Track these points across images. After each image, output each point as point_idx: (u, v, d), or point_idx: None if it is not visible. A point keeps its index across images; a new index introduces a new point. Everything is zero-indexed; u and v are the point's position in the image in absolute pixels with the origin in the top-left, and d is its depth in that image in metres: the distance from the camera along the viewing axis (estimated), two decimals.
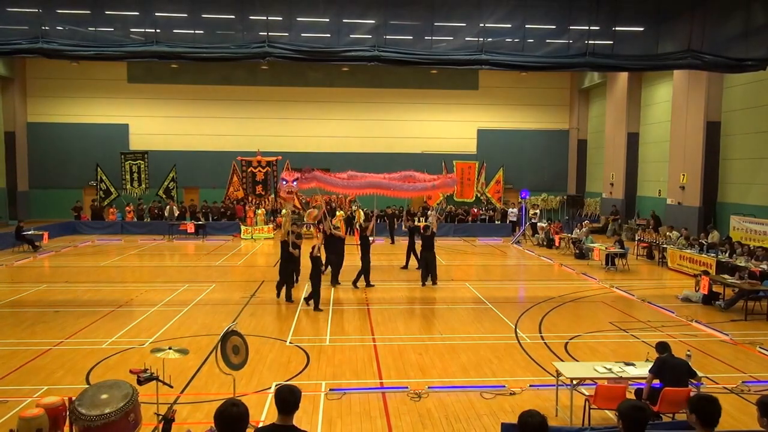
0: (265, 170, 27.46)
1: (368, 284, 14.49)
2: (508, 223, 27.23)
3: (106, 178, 27.92)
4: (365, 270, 14.50)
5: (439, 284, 15.01)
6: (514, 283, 15.70)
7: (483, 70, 22.32)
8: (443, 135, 30.74)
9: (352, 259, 16.35)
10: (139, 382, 6.03)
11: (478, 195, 29.86)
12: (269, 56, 12.50)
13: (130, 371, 6.36)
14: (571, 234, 21.85)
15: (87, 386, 7.03)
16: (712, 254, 15.93)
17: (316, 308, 12.17)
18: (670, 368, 6.49)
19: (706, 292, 13.03)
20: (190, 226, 24.94)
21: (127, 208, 27.16)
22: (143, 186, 28.33)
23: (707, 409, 3.85)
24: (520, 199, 27.09)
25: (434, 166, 28.75)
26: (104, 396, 5.28)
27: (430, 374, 8.49)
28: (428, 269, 14.90)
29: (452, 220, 27.64)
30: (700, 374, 6.81)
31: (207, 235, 25.22)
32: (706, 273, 13.70)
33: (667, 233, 19.38)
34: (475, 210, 28.60)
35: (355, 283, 14.48)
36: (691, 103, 21.14)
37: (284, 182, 12.58)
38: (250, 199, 27.40)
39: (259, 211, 26.15)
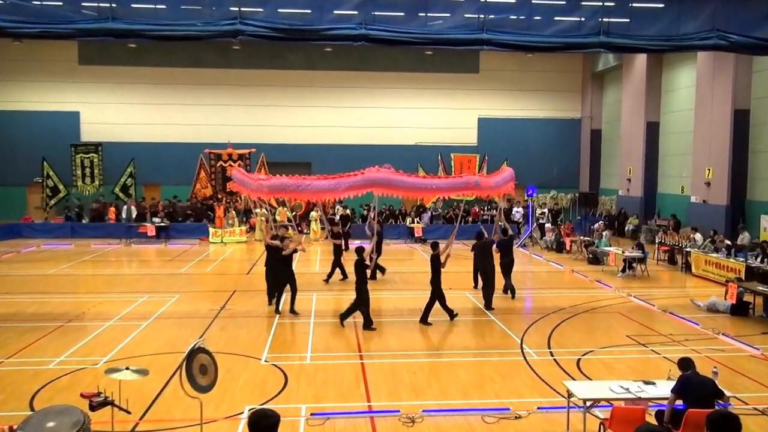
0: (237, 164, 27.35)
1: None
2: (512, 223, 27.32)
3: (54, 174, 27.66)
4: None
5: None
6: (520, 292, 15.75)
7: (484, 51, 22.41)
8: (440, 124, 30.79)
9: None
10: (92, 408, 5.97)
11: None
12: (241, 35, 12.45)
13: (82, 395, 6.30)
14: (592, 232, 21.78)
15: (31, 413, 6.95)
16: (741, 258, 16.07)
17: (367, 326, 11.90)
18: (695, 387, 6.53)
19: (734, 301, 13.15)
20: (151, 229, 24.80)
21: (111, 209, 26.80)
22: (97, 183, 28.09)
23: (728, 427, 3.86)
24: (526, 197, 27.21)
25: (429, 158, 28.85)
26: (51, 424, 5.22)
27: (424, 396, 8.49)
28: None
29: (450, 221, 27.69)
30: (727, 393, 6.86)
31: (170, 239, 25.09)
32: (739, 280, 13.81)
33: (691, 235, 19.53)
34: (476, 209, 28.67)
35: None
36: (717, 89, 21.33)
37: None
38: (219, 197, 27.27)
39: (230, 213, 26.05)
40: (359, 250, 12.29)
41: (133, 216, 26.04)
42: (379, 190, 12.21)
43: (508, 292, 14.92)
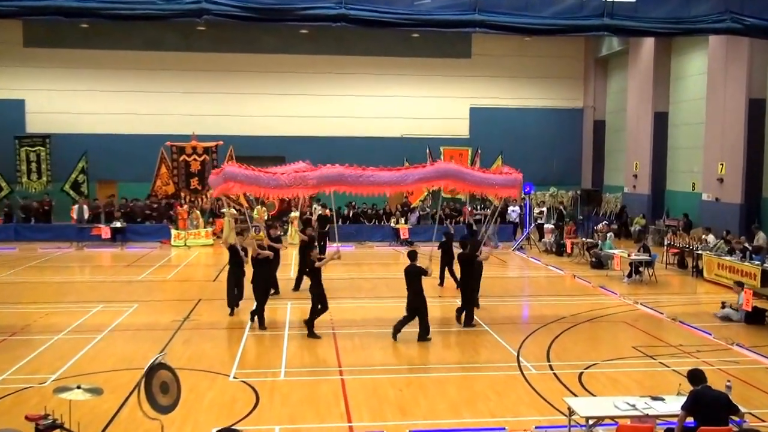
0: (201, 159, 27.15)
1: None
2: (508, 224, 27.45)
3: None
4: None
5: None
6: (517, 300, 15.83)
7: (477, 33, 22.41)
8: (428, 114, 30.84)
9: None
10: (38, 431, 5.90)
11: None
12: (207, 14, 12.37)
13: (27, 417, 6.24)
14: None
15: None
16: (757, 261, 16.27)
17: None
18: (707, 403, 6.58)
19: (749, 309, 13.31)
20: (105, 231, 24.58)
21: (73, 207, 26.36)
22: (44, 179, 27.75)
23: None
24: (523, 195, 27.33)
25: (417, 152, 28.82)
26: None
27: (412, 414, 8.51)
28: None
29: (441, 222, 27.72)
30: (743, 409, 6.94)
31: (127, 242, 24.90)
32: (739, 284, 14.00)
33: (702, 236, 19.75)
34: (468, 208, 28.72)
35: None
36: (731, 76, 21.59)
37: None
38: (182, 195, 27.07)
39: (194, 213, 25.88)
40: (412, 255, 12.19)
41: (86, 216, 25.76)
42: (451, 183, 12.39)
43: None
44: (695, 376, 6.86)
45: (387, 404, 8.85)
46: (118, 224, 25.09)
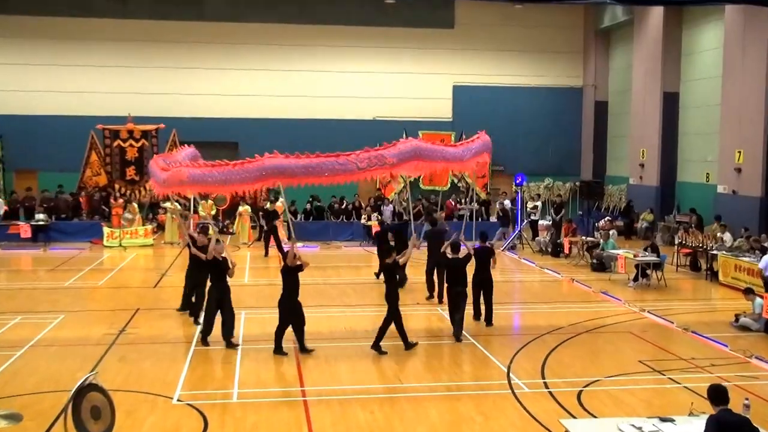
0: (139, 145, 26.91)
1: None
2: (497, 220, 27.59)
3: None
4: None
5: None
6: (507, 308, 15.90)
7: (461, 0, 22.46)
8: (405, 93, 30.85)
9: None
10: None
11: (455, 181, 30.09)
12: None
13: None
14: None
15: None
16: None
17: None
18: (730, 430, 6.54)
19: None
20: (25, 229, 24.27)
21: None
22: None
23: None
24: (514, 187, 27.49)
25: (392, 137, 28.75)
26: None
27: None
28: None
29: (417, 217, 27.79)
30: None
31: (51, 242, 24.63)
32: (749, 291, 14.23)
33: (718, 234, 20.04)
34: (452, 203, 28.82)
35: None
36: (749, 51, 21.89)
37: None
38: (117, 187, 26.80)
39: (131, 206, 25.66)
40: (455, 247, 12.89)
41: (1, 212, 25.43)
42: (485, 156, 13.28)
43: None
44: (718, 393, 6.68)
45: (357, 430, 8.84)
46: (40, 220, 24.80)
